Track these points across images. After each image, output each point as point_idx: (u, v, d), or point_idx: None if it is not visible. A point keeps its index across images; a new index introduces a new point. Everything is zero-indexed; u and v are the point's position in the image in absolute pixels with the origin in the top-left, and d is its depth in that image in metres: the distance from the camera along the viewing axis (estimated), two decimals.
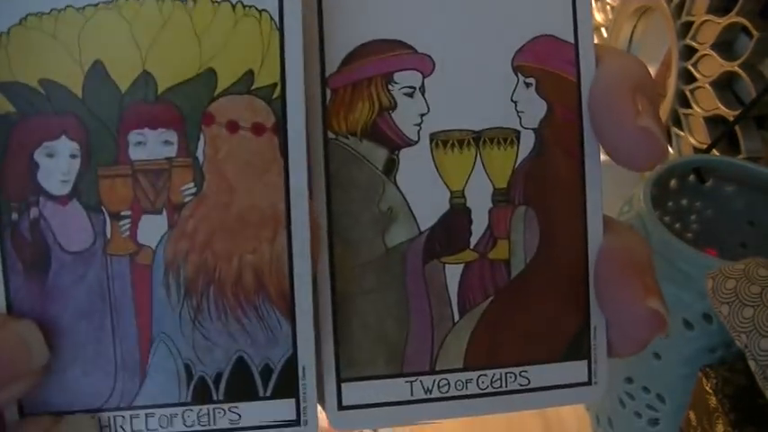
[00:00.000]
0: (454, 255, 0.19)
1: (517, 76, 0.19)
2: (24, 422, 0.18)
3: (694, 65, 0.70)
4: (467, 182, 0.19)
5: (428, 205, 0.19)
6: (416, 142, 0.19)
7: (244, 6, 0.18)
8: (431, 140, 0.19)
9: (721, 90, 0.68)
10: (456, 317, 0.19)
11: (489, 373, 0.19)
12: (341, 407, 0.19)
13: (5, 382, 0.17)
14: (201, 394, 0.18)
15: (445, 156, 0.19)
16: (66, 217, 0.18)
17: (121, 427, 0.18)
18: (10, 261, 0.18)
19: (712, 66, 0.68)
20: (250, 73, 0.18)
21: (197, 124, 0.18)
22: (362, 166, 0.19)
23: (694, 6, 0.69)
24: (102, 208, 0.18)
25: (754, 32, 0.63)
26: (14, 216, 0.18)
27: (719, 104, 0.67)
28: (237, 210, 0.18)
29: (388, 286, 0.19)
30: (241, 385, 0.19)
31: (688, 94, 0.71)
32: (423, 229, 0.19)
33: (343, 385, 0.19)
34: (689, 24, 0.70)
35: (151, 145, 0.18)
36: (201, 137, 0.18)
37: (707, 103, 0.69)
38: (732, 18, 0.64)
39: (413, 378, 0.19)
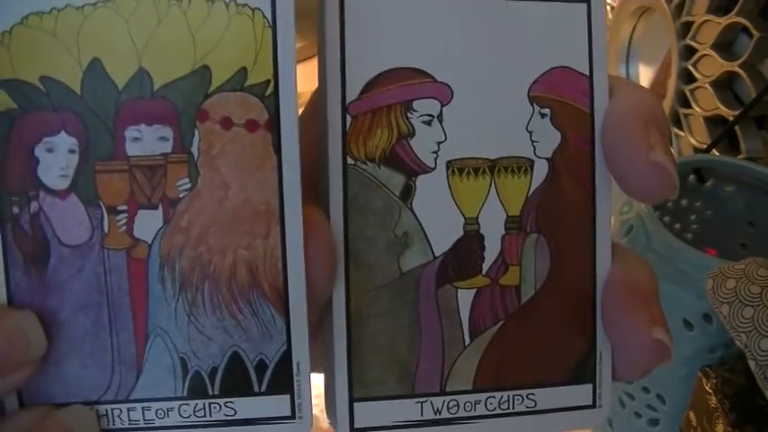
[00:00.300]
0: (466, 280, 0.20)
1: (533, 106, 0.19)
2: (23, 411, 0.18)
3: (694, 65, 0.70)
4: (481, 209, 0.20)
5: (442, 231, 0.19)
6: (433, 169, 0.19)
7: (237, 5, 0.18)
8: (447, 168, 0.19)
9: (721, 90, 0.68)
10: (467, 340, 0.20)
11: (497, 395, 0.20)
12: (353, 428, 0.19)
13: (4, 372, 0.17)
14: (197, 389, 0.19)
15: (460, 183, 0.19)
16: (64, 211, 0.18)
17: (119, 417, 0.19)
18: (10, 254, 0.18)
19: (712, 66, 0.68)
20: (243, 70, 0.18)
21: (192, 120, 0.18)
22: (380, 191, 0.19)
23: (694, 6, 0.69)
24: (100, 202, 0.18)
25: (754, 32, 0.63)
26: (15, 209, 0.18)
27: (719, 104, 0.67)
28: (232, 205, 0.19)
29: (401, 309, 0.19)
30: (236, 380, 0.19)
31: (688, 94, 0.71)
32: (437, 254, 0.19)
33: (355, 405, 0.19)
34: (689, 24, 0.70)
35: (147, 141, 0.18)
36: (196, 133, 0.18)
37: (707, 103, 0.69)
38: (732, 18, 0.64)
39: (423, 399, 0.19)
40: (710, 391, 0.47)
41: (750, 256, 0.46)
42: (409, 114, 0.19)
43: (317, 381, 0.20)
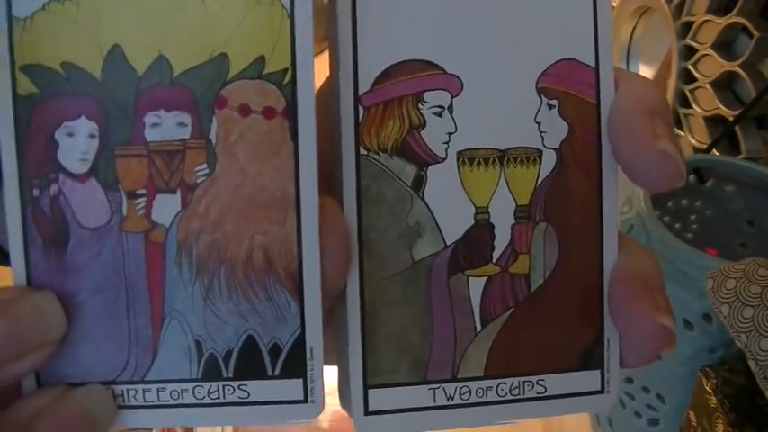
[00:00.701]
0: (477, 268, 0.20)
1: (541, 97, 0.20)
2: (40, 391, 0.19)
3: (694, 65, 0.70)
4: (491, 198, 0.20)
5: (453, 220, 0.20)
6: (444, 160, 0.20)
7: None
8: (457, 158, 0.20)
9: (721, 90, 0.68)
10: (478, 327, 0.20)
11: (508, 381, 0.20)
12: (367, 412, 0.20)
13: (25, 352, 0.18)
14: (211, 371, 0.19)
15: (471, 173, 0.20)
16: (84, 194, 0.19)
17: (134, 398, 0.19)
18: (31, 235, 0.19)
19: (712, 66, 0.68)
20: (261, 58, 0.19)
21: (210, 107, 0.19)
22: (392, 181, 0.20)
23: (694, 6, 0.69)
24: (119, 186, 0.19)
25: (754, 32, 0.63)
26: (35, 192, 0.19)
27: (719, 104, 0.67)
28: (248, 191, 0.19)
29: (413, 298, 0.20)
30: (250, 363, 0.19)
31: (688, 94, 0.71)
32: (448, 242, 0.20)
33: (369, 391, 0.20)
34: (689, 24, 0.70)
35: (166, 127, 0.19)
36: (214, 120, 0.19)
37: (707, 103, 0.69)
38: (732, 18, 0.65)
39: (436, 385, 0.20)
40: (710, 391, 0.47)
41: (750, 256, 0.46)
42: (420, 106, 0.20)
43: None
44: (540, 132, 0.20)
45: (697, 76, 0.70)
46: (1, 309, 0.18)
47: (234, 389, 0.19)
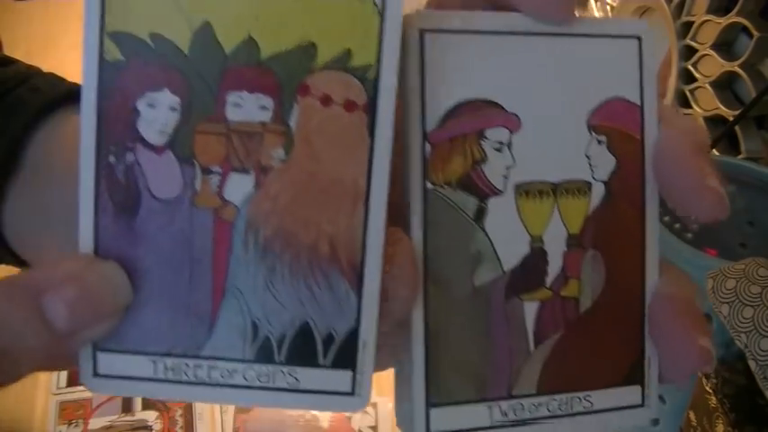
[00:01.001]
0: (532, 293, 0.21)
1: (591, 133, 0.21)
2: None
3: (694, 65, 0.71)
4: (545, 228, 0.21)
5: (511, 249, 0.21)
6: (503, 192, 0.21)
7: None
8: (515, 191, 0.21)
9: (721, 90, 0.68)
10: (531, 348, 0.21)
11: (558, 397, 0.21)
12: (428, 431, 0.21)
13: (93, 320, 0.18)
14: (264, 354, 0.19)
15: (527, 204, 0.21)
16: (159, 166, 0.19)
17: (185, 372, 0.19)
18: (102, 201, 0.19)
19: (712, 66, 0.68)
20: (348, 51, 0.19)
21: (293, 94, 0.19)
22: (456, 213, 0.21)
23: (694, 6, 0.69)
24: (195, 161, 0.19)
25: (754, 32, 0.63)
26: (111, 159, 0.19)
27: (719, 104, 0.67)
28: (321, 180, 0.19)
29: (473, 321, 0.21)
30: (303, 350, 0.19)
31: (688, 94, 0.71)
32: (506, 269, 0.21)
33: (431, 410, 0.20)
34: (689, 24, 0.70)
35: (248, 108, 0.19)
36: (295, 106, 0.19)
37: (707, 103, 0.69)
38: (732, 18, 0.65)
39: (492, 403, 0.21)
40: (710, 391, 0.47)
41: (750, 256, 0.46)
42: (482, 142, 0.21)
43: None
44: (590, 166, 0.21)
45: (697, 76, 0.70)
46: (74, 277, 0.18)
47: (284, 374, 0.19)
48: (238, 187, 0.19)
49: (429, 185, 0.20)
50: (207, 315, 0.19)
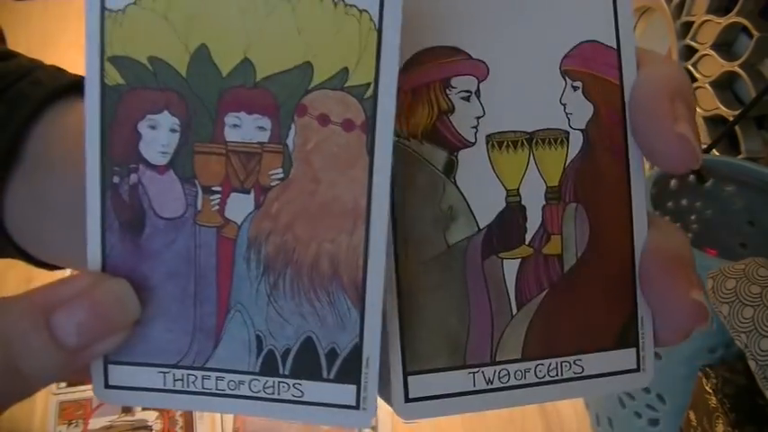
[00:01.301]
0: (511, 250, 0.20)
1: (565, 79, 0.20)
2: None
3: (694, 65, 0.71)
4: (521, 180, 0.20)
5: (486, 204, 0.20)
6: (473, 144, 0.20)
7: (345, 5, 0.19)
8: (487, 142, 0.20)
9: (721, 90, 0.68)
10: (514, 310, 0.20)
11: (546, 362, 0.20)
12: (407, 399, 0.20)
13: (104, 337, 0.19)
14: (269, 366, 0.20)
15: (500, 156, 0.20)
16: (162, 185, 0.20)
17: (193, 383, 0.20)
18: (108, 219, 0.20)
19: (712, 66, 0.68)
20: (345, 70, 0.19)
21: (290, 114, 0.19)
22: (424, 167, 0.20)
23: (694, 6, 0.69)
24: (196, 181, 0.20)
25: (754, 32, 0.63)
26: (116, 179, 0.20)
27: (719, 104, 0.67)
28: (321, 199, 0.19)
29: (449, 282, 0.20)
30: (307, 364, 0.20)
31: None
32: (481, 226, 0.20)
33: (409, 378, 0.20)
34: (689, 24, 0.71)
35: (246, 128, 0.19)
36: (293, 126, 0.19)
37: (707, 103, 0.69)
38: (732, 18, 0.65)
39: (475, 369, 0.20)
40: (710, 391, 0.47)
41: (750, 256, 0.46)
42: (448, 91, 0.20)
43: None
44: (567, 114, 0.20)
45: (697, 76, 0.70)
46: (83, 294, 0.19)
47: (289, 386, 0.20)
48: (239, 206, 0.19)
49: (393, 138, 0.19)
50: (212, 329, 0.20)
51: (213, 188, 0.19)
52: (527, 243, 0.20)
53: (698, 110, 0.69)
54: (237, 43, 0.19)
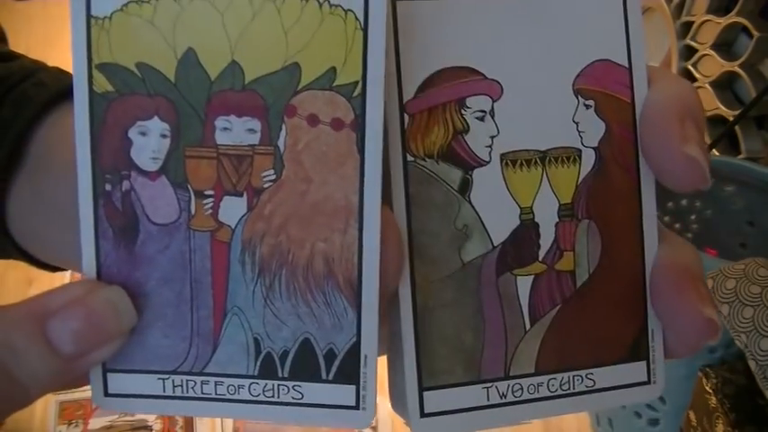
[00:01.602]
0: (525, 267, 0.21)
1: (577, 98, 0.21)
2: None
3: (694, 65, 0.70)
4: (534, 198, 0.21)
5: (500, 221, 0.20)
6: (488, 162, 0.20)
7: (330, 5, 0.19)
8: (501, 160, 0.20)
9: (721, 90, 0.68)
10: (527, 325, 0.21)
11: (558, 376, 0.21)
12: (423, 414, 0.20)
13: (99, 344, 0.19)
14: (268, 369, 0.20)
15: (514, 174, 0.20)
16: (154, 191, 0.20)
17: (192, 389, 0.20)
18: (102, 227, 0.20)
19: (712, 66, 0.68)
20: (333, 70, 0.19)
21: (280, 115, 0.19)
22: (439, 186, 0.20)
23: (694, 6, 0.69)
24: (188, 186, 0.20)
25: (754, 32, 0.63)
26: (108, 187, 0.20)
27: (719, 104, 0.67)
28: (313, 199, 0.19)
29: (464, 299, 0.20)
30: (305, 365, 0.20)
31: None
32: (495, 243, 0.20)
33: (424, 394, 0.20)
34: (689, 24, 0.70)
35: (236, 131, 0.19)
36: (283, 127, 0.19)
37: (707, 103, 0.69)
38: (732, 18, 0.65)
39: (489, 384, 0.20)
40: (710, 391, 0.47)
41: (750, 256, 0.46)
42: (463, 111, 0.20)
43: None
44: (579, 132, 0.21)
45: (697, 76, 0.70)
46: (78, 302, 0.19)
47: (288, 389, 0.20)
48: (232, 209, 0.19)
49: (409, 158, 0.20)
50: (210, 333, 0.20)
51: (205, 192, 0.19)
52: (540, 260, 0.21)
53: None
54: (224, 46, 0.19)
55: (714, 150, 0.66)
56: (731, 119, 0.64)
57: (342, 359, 0.20)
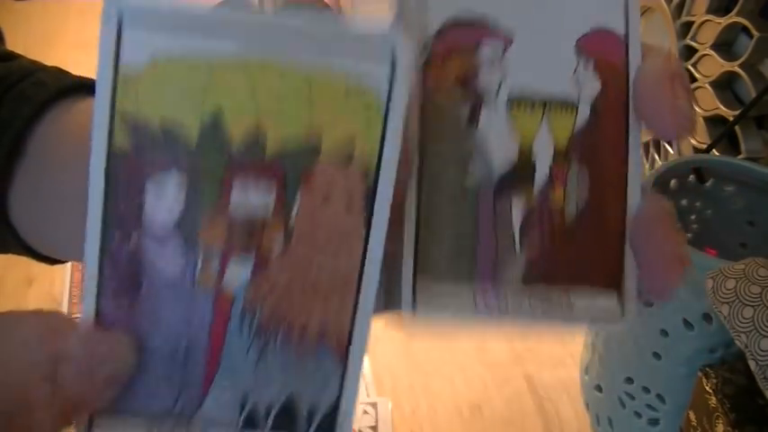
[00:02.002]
0: (519, 197, 0.23)
1: (579, 57, 0.23)
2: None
3: (694, 65, 0.71)
4: (534, 138, 0.23)
5: (501, 155, 0.23)
6: (495, 102, 0.23)
7: (356, 83, 0.20)
8: (507, 101, 0.23)
9: (721, 90, 0.68)
10: (517, 248, 0.23)
11: (541, 291, 0.23)
12: (415, 307, 0.22)
13: (99, 389, 0.19)
14: (252, 422, 0.21)
15: (518, 115, 0.23)
16: (163, 248, 0.20)
17: None
18: (106, 280, 0.20)
19: (712, 66, 0.68)
20: (352, 146, 0.20)
21: (296, 185, 0.20)
22: (450, 117, 0.23)
23: (694, 6, 0.69)
24: (198, 245, 0.20)
25: (754, 32, 0.63)
26: (116, 241, 0.20)
27: (719, 104, 0.67)
28: (317, 270, 0.20)
29: (463, 216, 0.23)
30: (286, 421, 0.21)
31: None
32: (496, 174, 0.23)
33: (418, 285, 0.22)
34: (689, 24, 0.71)
35: (252, 196, 0.20)
36: (298, 196, 0.20)
37: (707, 103, 0.69)
38: (732, 18, 0.65)
39: (478, 289, 0.23)
40: (710, 391, 0.47)
41: (750, 256, 0.46)
42: (477, 53, 0.23)
43: None
44: (578, 86, 0.23)
45: (697, 76, 0.70)
46: (79, 347, 0.19)
47: None
48: (239, 271, 0.20)
49: (426, 89, 0.22)
50: (199, 385, 0.20)
51: (214, 253, 0.20)
52: (534, 193, 0.23)
53: (698, 110, 0.69)
54: (251, 113, 0.20)
55: (714, 150, 0.66)
56: (731, 119, 0.64)
57: (322, 417, 0.21)
